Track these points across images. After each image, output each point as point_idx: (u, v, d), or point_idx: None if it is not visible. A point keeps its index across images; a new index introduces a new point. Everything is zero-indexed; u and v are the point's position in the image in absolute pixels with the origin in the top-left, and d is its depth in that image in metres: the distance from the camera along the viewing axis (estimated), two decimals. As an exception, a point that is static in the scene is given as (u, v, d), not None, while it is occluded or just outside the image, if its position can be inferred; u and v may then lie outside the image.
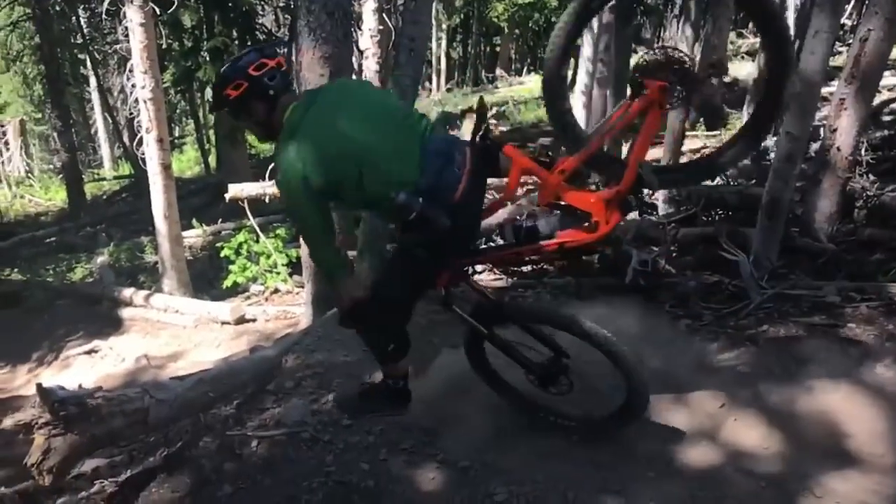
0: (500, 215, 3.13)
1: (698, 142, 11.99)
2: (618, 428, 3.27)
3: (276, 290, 8.52)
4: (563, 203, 2.90)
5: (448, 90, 26.18)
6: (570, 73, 13.85)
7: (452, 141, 2.85)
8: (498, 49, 31.36)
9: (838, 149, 5.02)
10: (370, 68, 8.64)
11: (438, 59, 29.37)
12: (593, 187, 2.82)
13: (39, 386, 2.87)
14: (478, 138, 2.83)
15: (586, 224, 2.84)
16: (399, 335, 3.11)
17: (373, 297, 2.90)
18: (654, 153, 8.16)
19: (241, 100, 2.70)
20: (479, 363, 3.42)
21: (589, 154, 2.91)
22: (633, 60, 7.17)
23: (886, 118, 9.47)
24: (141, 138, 8.71)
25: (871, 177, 6.30)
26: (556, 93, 3.26)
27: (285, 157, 2.64)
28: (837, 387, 3.50)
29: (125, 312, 8.63)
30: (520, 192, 7.52)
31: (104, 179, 22.00)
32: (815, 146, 6.65)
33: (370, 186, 2.67)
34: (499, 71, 28.25)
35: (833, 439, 3.29)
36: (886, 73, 11.55)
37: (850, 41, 5.35)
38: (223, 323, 7.52)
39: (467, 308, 3.20)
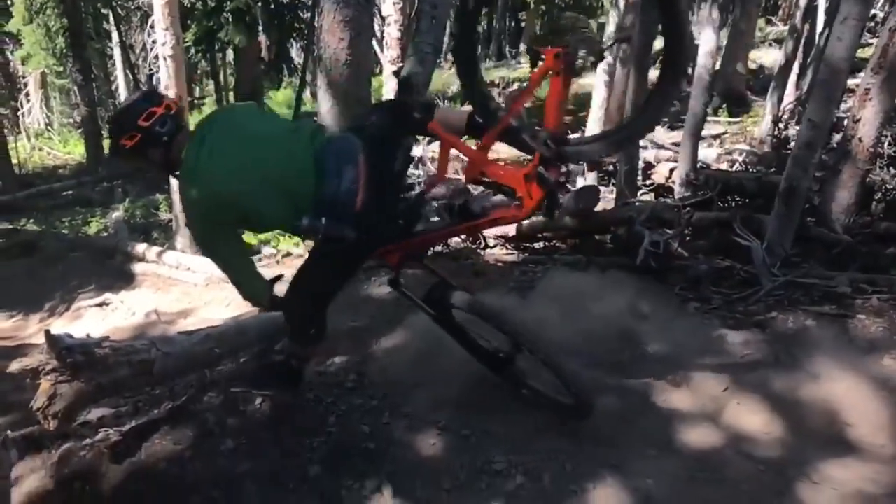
0: (439, 192, 3.10)
1: (720, 127, 11.89)
2: (575, 420, 3.24)
3: (289, 254, 8.54)
4: (488, 179, 2.90)
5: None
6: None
7: (346, 150, 2.79)
8: (523, 24, 31.04)
9: (860, 140, 4.96)
10: (392, 35, 8.60)
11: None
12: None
13: (48, 333, 2.90)
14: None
15: (516, 200, 2.82)
16: (320, 322, 3.19)
17: (296, 291, 3.00)
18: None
19: (136, 149, 2.69)
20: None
21: (504, 127, 2.88)
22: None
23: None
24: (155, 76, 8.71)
25: (892, 170, 6.23)
26: (467, 64, 3.18)
27: (188, 197, 2.67)
28: (843, 376, 3.48)
29: (137, 267, 8.68)
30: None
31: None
32: (837, 137, 6.57)
33: (272, 213, 2.71)
34: (522, 46, 27.97)
35: (834, 428, 3.28)
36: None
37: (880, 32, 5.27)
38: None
39: (419, 291, 3.25)
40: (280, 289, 3.03)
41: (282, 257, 8.56)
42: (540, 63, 2.75)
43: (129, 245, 9.18)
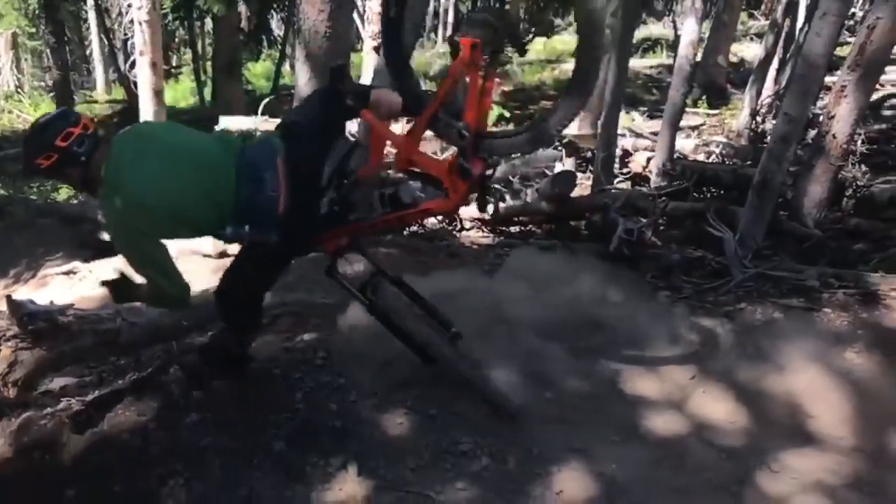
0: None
1: (698, 118, 11.94)
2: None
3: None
4: (417, 170, 2.93)
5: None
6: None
7: (264, 156, 2.80)
8: (507, 7, 30.90)
9: (834, 136, 5.01)
10: (373, 10, 8.52)
11: (446, 11, 28.90)
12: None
13: (9, 298, 2.86)
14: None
15: (443, 192, 2.85)
16: (255, 311, 3.21)
17: (228, 288, 3.03)
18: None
19: (52, 168, 2.66)
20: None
21: (429, 116, 2.90)
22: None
23: (887, 112, 9.47)
24: (134, 61, 8.55)
25: (864, 168, 6.32)
26: (396, 64, 3.19)
27: (112, 212, 2.66)
28: (807, 369, 3.53)
29: (107, 236, 8.54)
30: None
31: (96, 102, 21.64)
32: (812, 133, 6.64)
33: (197, 223, 2.76)
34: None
35: (797, 419, 3.34)
36: (893, 69, 11.55)
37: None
38: (205, 255, 7.45)
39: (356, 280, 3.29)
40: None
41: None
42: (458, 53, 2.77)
43: (99, 213, 9.02)
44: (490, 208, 4.91)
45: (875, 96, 8.78)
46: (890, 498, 2.90)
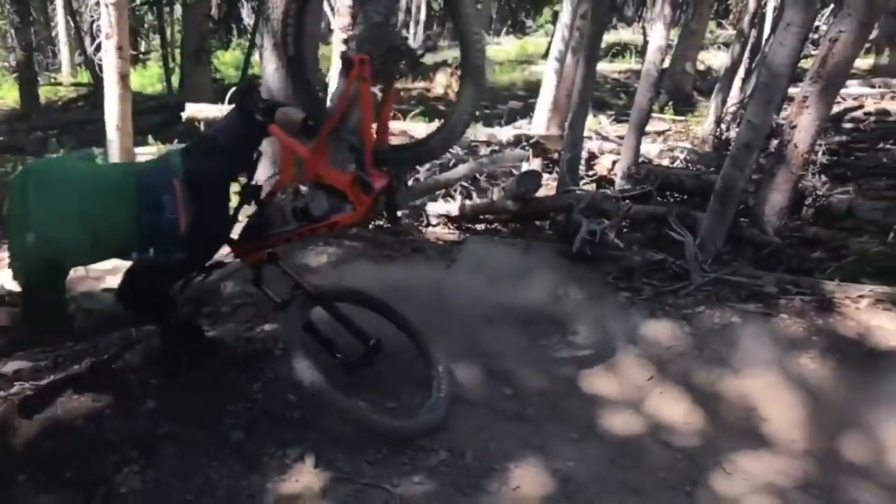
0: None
1: (664, 124, 12.08)
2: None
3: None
4: (325, 183, 3.01)
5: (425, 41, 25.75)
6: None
7: (162, 179, 2.82)
8: (479, 6, 30.94)
9: (795, 145, 5.09)
10: (343, 2, 8.43)
11: (419, 7, 28.85)
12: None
13: (-34, 278, 2.79)
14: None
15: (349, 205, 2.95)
16: (163, 302, 3.17)
17: (130, 290, 3.06)
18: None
19: None
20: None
21: (328, 132, 2.99)
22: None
23: (847, 125, 9.67)
24: (100, 44, 8.38)
25: (823, 178, 6.45)
26: (299, 82, 3.29)
27: (17, 248, 2.65)
28: (762, 373, 3.60)
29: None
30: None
31: (60, 84, 21.19)
32: (775, 142, 6.75)
33: (104, 250, 2.80)
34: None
35: (751, 422, 3.41)
36: (854, 82, 11.78)
37: (823, 42, 5.42)
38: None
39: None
40: None
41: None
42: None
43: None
44: (401, 218, 4.97)
45: (836, 109, 8.97)
46: (839, 501, 2.97)
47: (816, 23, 9.77)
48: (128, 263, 2.99)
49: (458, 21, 2.81)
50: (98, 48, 8.45)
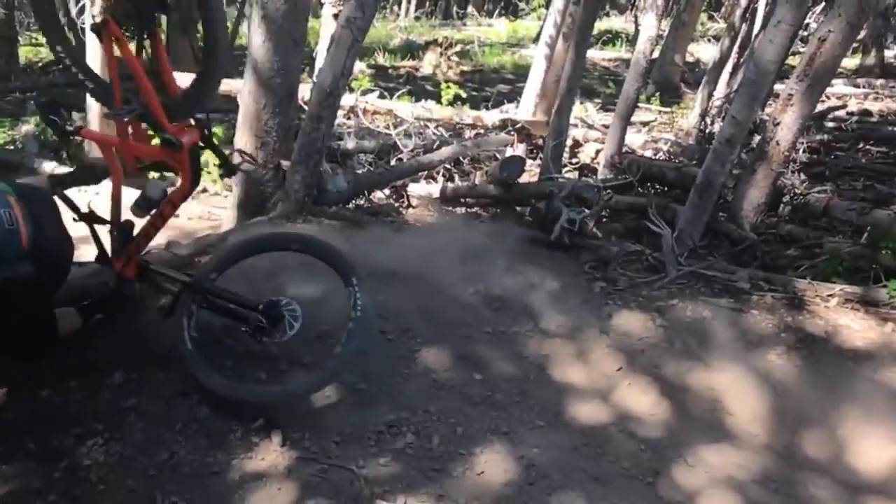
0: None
1: (650, 115, 12.09)
2: None
3: (205, 190, 8.27)
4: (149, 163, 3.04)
5: (416, 19, 25.57)
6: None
7: None
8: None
9: (777, 143, 5.11)
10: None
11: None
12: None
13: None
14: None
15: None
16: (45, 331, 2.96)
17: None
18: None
19: None
20: None
21: (118, 108, 2.93)
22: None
23: (830, 124, 9.72)
24: (84, 6, 8.24)
25: (802, 176, 6.48)
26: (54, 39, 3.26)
27: None
28: (730, 367, 3.66)
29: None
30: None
31: (42, 45, 20.84)
32: (758, 138, 6.78)
33: None
34: (471, 9, 27.75)
35: (716, 415, 3.47)
36: (839, 82, 11.84)
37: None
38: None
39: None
40: None
41: (198, 192, 8.32)
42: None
43: (36, 162, 8.73)
44: (241, 167, 4.79)
45: (820, 107, 9.02)
46: (795, 495, 3.03)
47: (806, 21, 9.78)
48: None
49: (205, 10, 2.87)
50: (82, 10, 8.32)
